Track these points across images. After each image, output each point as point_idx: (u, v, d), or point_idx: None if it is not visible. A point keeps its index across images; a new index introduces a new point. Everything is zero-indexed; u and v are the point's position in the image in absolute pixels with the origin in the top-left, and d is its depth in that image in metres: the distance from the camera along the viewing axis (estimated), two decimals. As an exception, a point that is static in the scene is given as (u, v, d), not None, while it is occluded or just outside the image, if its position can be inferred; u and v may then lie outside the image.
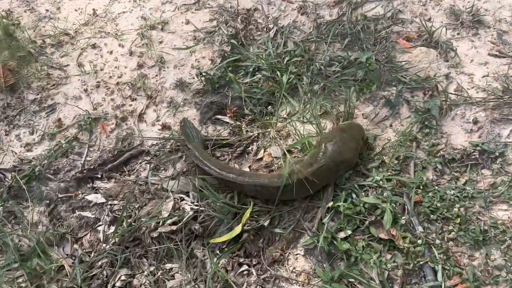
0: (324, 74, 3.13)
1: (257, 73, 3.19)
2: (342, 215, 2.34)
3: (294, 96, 3.08)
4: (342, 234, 2.30)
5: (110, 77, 3.30)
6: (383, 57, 3.17)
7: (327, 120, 2.94)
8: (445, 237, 2.22)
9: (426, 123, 2.72)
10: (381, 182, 2.46)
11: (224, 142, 2.84)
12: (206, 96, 3.14)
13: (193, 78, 3.23)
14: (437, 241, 2.20)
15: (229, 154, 2.85)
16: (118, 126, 3.02)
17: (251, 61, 3.23)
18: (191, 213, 2.34)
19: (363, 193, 2.43)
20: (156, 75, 3.29)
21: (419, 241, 2.19)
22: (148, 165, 2.75)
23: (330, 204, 2.37)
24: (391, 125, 2.79)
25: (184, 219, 2.30)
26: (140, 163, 2.79)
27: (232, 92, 3.09)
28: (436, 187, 2.43)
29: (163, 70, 3.31)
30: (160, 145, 2.82)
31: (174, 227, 2.32)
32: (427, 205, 2.37)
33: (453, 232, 2.22)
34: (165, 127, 2.95)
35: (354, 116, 2.81)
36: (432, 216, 2.32)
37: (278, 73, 3.01)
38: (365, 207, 2.36)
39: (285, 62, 3.16)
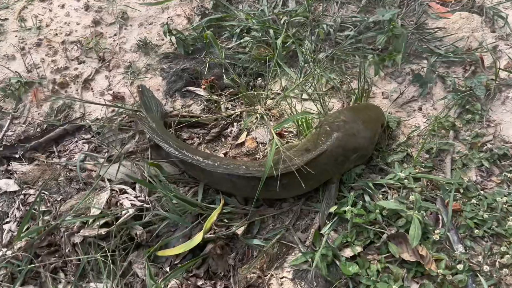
0: (333, 40, 2.62)
1: (245, 35, 2.58)
2: (349, 224, 1.89)
3: (292, 67, 2.47)
4: (348, 252, 1.84)
5: (56, 34, 2.75)
6: (411, 22, 2.58)
7: (334, 99, 2.34)
8: (496, 262, 1.79)
9: (467, 106, 2.32)
10: (406, 181, 2.03)
11: (195, 120, 2.23)
12: (177, 62, 2.58)
13: (162, 39, 2.65)
14: (485, 267, 1.76)
15: (200, 137, 2.28)
16: (55, 94, 2.43)
17: (238, 20, 2.65)
18: (131, 211, 1.74)
19: (380, 195, 2.01)
20: (115, 34, 2.74)
21: (459, 266, 1.74)
22: (86, 146, 2.13)
23: (333, 208, 1.93)
24: (420, 108, 2.37)
25: (121, 219, 1.68)
26: (76, 142, 2.21)
27: (211, 58, 2.48)
28: (482, 192, 2.01)
29: (125, 29, 2.76)
30: (106, 119, 2.21)
31: (104, 231, 1.70)
32: (470, 216, 1.92)
33: (508, 256, 1.78)
34: (117, 97, 2.38)
35: (371, 95, 2.43)
36: (476, 231, 1.87)
37: (271, 33, 2.39)
38: (382, 214, 1.90)
39: (282, 22, 2.55)
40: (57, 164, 2.09)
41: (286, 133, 2.26)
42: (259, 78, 2.53)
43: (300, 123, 2.16)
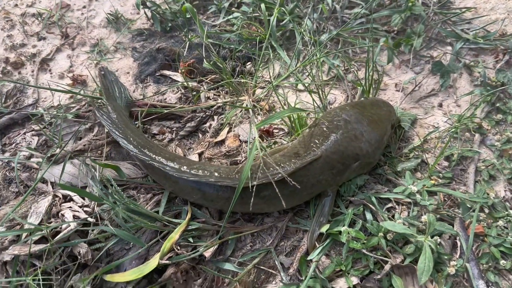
0: (339, 19, 2.34)
1: (234, 10, 2.27)
2: (344, 248, 1.65)
3: (288, 50, 2.15)
4: (341, 284, 1.58)
5: (16, 5, 2.47)
6: (434, 0, 2.24)
7: (337, 90, 2.03)
8: (527, 304, 1.56)
9: (498, 105, 2.06)
10: (418, 196, 1.76)
11: (167, 111, 1.93)
12: (152, 40, 2.31)
13: (138, 13, 2.34)
14: (513, 311, 1.55)
15: (172, 131, 1.99)
16: (6, 75, 2.17)
17: (228, -8, 2.34)
18: (73, 225, 1.44)
19: (386, 213, 1.74)
20: (84, 7, 2.48)
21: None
22: (35, 139, 1.85)
23: (326, 228, 1.66)
24: (440, 105, 2.10)
25: (58, 236, 1.41)
26: (24, 134, 1.92)
27: (192, 36, 2.17)
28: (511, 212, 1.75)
29: (96, 0, 2.45)
30: (62, 107, 1.92)
31: (39, 248, 1.42)
32: (496, 242, 1.66)
33: (542, 296, 1.55)
34: (77, 81, 2.10)
35: (382, 87, 2.16)
36: (503, 262, 1.63)
37: (263, 8, 2.07)
38: (387, 238, 1.65)
39: (278, -5, 2.25)
40: (-2, 160, 1.82)
41: (276, 131, 1.96)
42: (249, 63, 2.27)
43: (292, 119, 1.85)
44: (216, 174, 1.59)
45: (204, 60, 2.07)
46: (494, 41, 2.19)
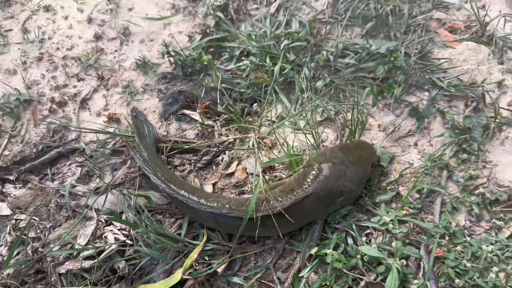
0: (332, 67, 2.64)
1: (244, 58, 2.64)
2: (329, 268, 1.96)
3: (289, 94, 2.52)
4: None
5: (58, 48, 2.86)
6: (415, 50, 2.61)
7: (329, 129, 2.38)
8: (475, 317, 1.81)
9: (464, 146, 2.32)
10: (391, 224, 2.06)
11: (187, 146, 2.32)
12: (174, 83, 2.66)
13: (163, 58, 2.72)
14: (462, 322, 1.80)
15: (191, 163, 2.36)
16: (52, 113, 2.55)
17: (239, 42, 2.72)
18: (114, 246, 1.84)
19: (364, 239, 2.05)
20: (116, 51, 2.83)
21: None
22: (79, 169, 2.25)
23: (314, 250, 1.99)
24: (415, 144, 2.39)
25: (103, 254, 1.79)
26: (70, 165, 2.31)
27: (208, 81, 2.55)
28: (469, 238, 2.03)
29: (126, 45, 2.85)
30: (100, 142, 2.31)
31: (88, 264, 1.82)
32: (453, 264, 1.94)
33: (486, 311, 1.79)
34: (112, 119, 2.47)
35: (367, 127, 2.46)
36: (457, 281, 1.89)
37: (268, 61, 2.45)
38: (363, 260, 1.96)
39: (282, 47, 2.60)
40: (49, 188, 2.21)
41: (277, 165, 2.34)
42: (255, 104, 2.59)
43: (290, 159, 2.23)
44: (227, 206, 1.98)
45: (218, 104, 2.45)
46: (465, 90, 2.40)
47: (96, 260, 1.84)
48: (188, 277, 1.84)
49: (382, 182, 2.23)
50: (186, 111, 2.57)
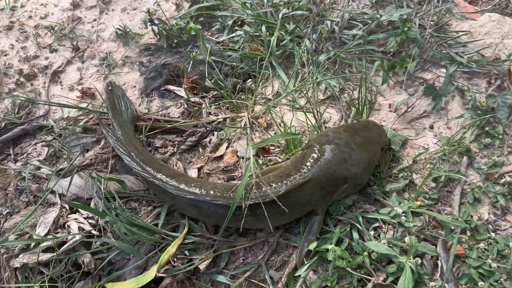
0: (337, 39, 2.41)
1: (237, 29, 2.36)
2: (331, 266, 1.71)
3: (288, 69, 2.24)
4: None
5: (30, 17, 2.59)
6: (431, 22, 2.34)
7: (333, 109, 2.11)
8: (503, 325, 1.61)
9: (487, 129, 2.11)
10: (403, 217, 1.81)
11: (170, 126, 2.04)
12: (158, 55, 2.39)
13: (146, 28, 2.44)
14: (487, 332, 1.60)
15: (174, 145, 2.10)
16: (19, 87, 2.28)
17: (232, 10, 2.43)
18: (77, 237, 1.55)
19: (372, 233, 1.81)
20: (94, 20, 2.57)
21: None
22: (45, 149, 1.97)
23: (313, 245, 1.73)
24: (431, 126, 2.16)
25: (64, 246, 1.52)
26: (35, 144, 2.04)
27: (196, 53, 2.27)
28: (493, 234, 1.80)
29: (106, 14, 2.59)
30: (71, 120, 2.03)
31: (46, 257, 1.54)
32: (475, 264, 1.71)
33: (516, 318, 1.60)
34: (86, 94, 2.20)
35: (376, 107, 2.22)
36: (481, 284, 1.66)
37: (263, 29, 2.16)
38: (371, 257, 1.71)
39: (280, 16, 2.31)
40: (10, 170, 1.93)
41: (272, 148, 2.06)
42: (249, 80, 2.33)
43: (287, 139, 1.95)
44: (212, 192, 1.69)
45: (206, 79, 2.17)
46: (487, 66, 2.22)
47: (55, 253, 1.56)
48: (163, 274, 1.56)
49: (393, 169, 2.01)
50: (171, 87, 2.30)
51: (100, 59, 2.40)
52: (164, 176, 1.74)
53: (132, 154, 1.82)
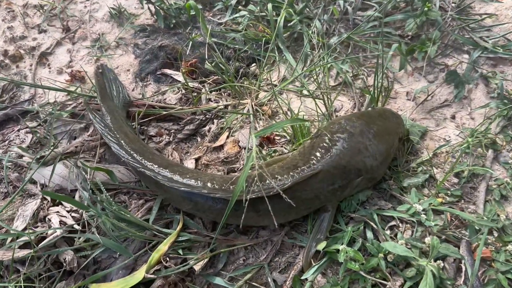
0: (351, 21, 2.29)
1: (241, 8, 2.20)
2: (342, 269, 1.55)
3: (296, 53, 2.09)
4: None
5: (19, -6, 2.41)
6: (453, 4, 2.19)
7: (344, 97, 1.96)
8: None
9: None
10: (423, 215, 1.67)
11: (166, 112, 1.88)
12: (155, 36, 2.26)
13: (142, 8, 2.29)
14: None
15: (170, 134, 1.95)
16: (4, 69, 2.16)
17: (236, -12, 2.29)
18: (58, 232, 1.41)
19: (388, 232, 1.67)
20: None
21: None
22: (29, 136, 1.82)
23: (323, 245, 1.59)
24: (453, 117, 2.03)
25: (43, 242, 1.37)
26: (19, 130, 1.89)
27: (196, 34, 2.12)
28: None
29: (100, -8, 2.40)
30: (58, 105, 1.88)
31: (23, 254, 1.39)
32: (504, 269, 1.57)
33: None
34: (75, 77, 2.06)
35: (393, 94, 2.09)
36: None
37: (270, 8, 2.00)
38: (387, 260, 1.57)
39: (288, -6, 2.19)
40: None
41: (278, 138, 1.90)
42: (253, 64, 2.21)
43: (294, 128, 1.79)
44: (209, 184, 1.53)
45: (206, 62, 2.01)
46: None
47: (32, 250, 1.41)
48: (153, 276, 1.40)
49: (411, 162, 1.87)
50: (167, 71, 2.18)
51: (92, 41, 2.28)
52: (156, 166, 1.58)
53: (122, 142, 1.67)
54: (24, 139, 1.90)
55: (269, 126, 1.55)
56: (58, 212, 1.54)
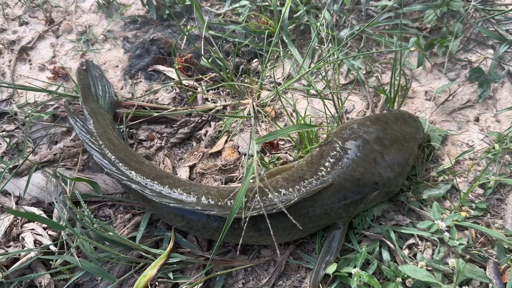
0: (363, 12, 2.18)
1: (242, -2, 2.12)
2: None
3: (302, 48, 1.98)
4: None
5: (-1, -17, 2.27)
6: (476, -6, 2.08)
7: (356, 97, 1.85)
8: None
9: None
10: (446, 234, 1.55)
11: (157, 114, 1.74)
12: (146, 29, 2.15)
13: (133, -3, 2.17)
14: None
15: (162, 138, 1.82)
16: (-21, 65, 2.00)
17: (236, -24, 2.16)
18: (33, 254, 1.26)
19: (406, 252, 1.55)
20: None
21: None
22: (5, 140, 1.68)
23: (332, 268, 1.46)
24: (477, 119, 1.93)
25: (15, 264, 1.24)
26: (-6, 134, 1.75)
27: (192, 26, 1.98)
28: None
29: (87, -19, 2.26)
30: (38, 105, 1.75)
31: (-8, 277, 1.27)
32: None
33: None
34: (58, 74, 1.93)
35: (410, 94, 1.99)
36: None
37: (273, -2, 1.89)
38: (406, 285, 1.45)
39: (294, -19, 2.06)
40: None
41: (282, 143, 1.75)
42: (255, 60, 2.11)
43: (300, 132, 1.64)
44: (204, 199, 1.39)
45: (202, 57, 1.87)
46: None
47: (2, 274, 1.27)
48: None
49: (431, 171, 1.75)
50: (160, 67, 2.09)
51: (77, 34, 2.19)
52: (144, 178, 1.44)
53: (105, 149, 1.53)
54: (0, 143, 1.76)
55: (272, 132, 1.41)
56: (33, 229, 1.41)
